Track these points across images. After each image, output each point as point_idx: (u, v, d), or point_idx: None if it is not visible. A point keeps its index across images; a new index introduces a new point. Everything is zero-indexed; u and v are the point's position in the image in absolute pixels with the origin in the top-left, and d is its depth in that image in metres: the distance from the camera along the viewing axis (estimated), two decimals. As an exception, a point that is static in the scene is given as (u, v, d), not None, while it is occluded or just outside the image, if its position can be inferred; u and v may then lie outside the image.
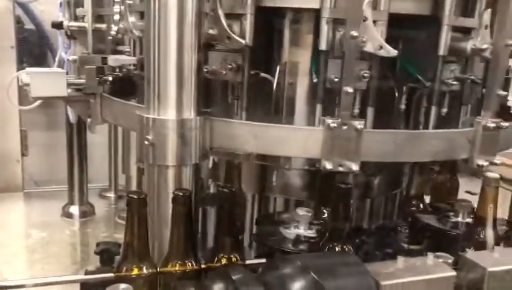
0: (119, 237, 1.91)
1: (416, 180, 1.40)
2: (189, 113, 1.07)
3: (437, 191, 1.48)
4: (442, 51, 1.15)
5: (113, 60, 1.37)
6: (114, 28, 1.43)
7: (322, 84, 1.16)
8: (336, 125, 1.08)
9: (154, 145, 1.06)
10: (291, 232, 1.21)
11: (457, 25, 1.16)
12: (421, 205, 1.40)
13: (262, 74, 1.25)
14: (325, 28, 1.11)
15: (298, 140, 1.11)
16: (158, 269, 1.03)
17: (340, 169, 1.10)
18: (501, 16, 1.13)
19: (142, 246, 1.01)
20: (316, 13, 1.14)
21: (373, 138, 1.11)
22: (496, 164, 1.19)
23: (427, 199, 1.49)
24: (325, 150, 1.09)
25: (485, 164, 1.16)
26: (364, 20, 1.04)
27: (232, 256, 1.06)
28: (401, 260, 1.01)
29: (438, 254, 1.10)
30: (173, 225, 1.04)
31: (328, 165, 1.10)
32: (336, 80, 1.12)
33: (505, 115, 1.34)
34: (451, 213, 1.34)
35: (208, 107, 1.20)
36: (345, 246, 1.08)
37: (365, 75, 1.13)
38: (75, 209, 2.07)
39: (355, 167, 1.10)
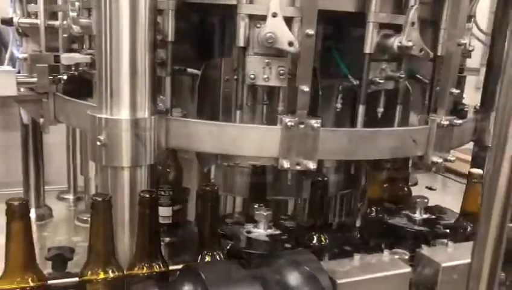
0: (78, 240, 1.87)
1: (373, 179, 1.41)
2: (144, 113, 1.05)
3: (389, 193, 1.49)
4: (368, 49, 1.13)
5: (65, 58, 1.32)
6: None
7: (241, 81, 1.12)
8: (293, 124, 1.07)
9: (106, 146, 1.03)
10: (254, 232, 1.20)
11: (384, 22, 1.13)
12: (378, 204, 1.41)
13: (190, 70, 1.24)
14: (241, 24, 1.08)
15: (256, 139, 1.10)
16: (125, 272, 1.01)
17: (298, 168, 1.10)
18: (452, 15, 1.15)
19: (108, 249, 0.99)
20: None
21: (330, 136, 1.11)
22: (450, 161, 1.21)
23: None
24: (283, 148, 1.09)
25: (440, 160, 1.19)
26: (274, 16, 1.03)
27: (153, 264, 1.03)
28: (357, 258, 1.02)
29: (394, 250, 1.12)
30: (139, 227, 1.02)
31: (286, 164, 1.09)
32: (252, 76, 1.10)
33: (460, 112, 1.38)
34: (408, 210, 1.35)
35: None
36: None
37: (401, 76, 1.16)
38: (31, 213, 2.00)
39: (312, 165, 1.10)
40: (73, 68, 1.50)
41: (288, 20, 1.05)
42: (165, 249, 1.24)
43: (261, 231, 1.18)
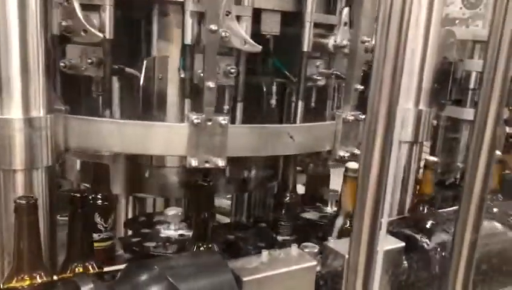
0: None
1: (289, 173, 1.43)
2: (38, 111, 0.98)
3: (310, 183, 1.52)
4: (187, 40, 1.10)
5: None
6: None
7: (189, 79, 1.12)
8: (200, 121, 1.05)
9: (-4, 148, 0.95)
10: (163, 233, 1.17)
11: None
12: (294, 198, 1.43)
13: (128, 69, 1.18)
14: (189, 22, 1.07)
15: (162, 137, 1.07)
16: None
17: (207, 165, 1.09)
18: (356, 14, 1.18)
19: (33, 254, 0.93)
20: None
21: (238, 133, 1.10)
22: (357, 155, 1.24)
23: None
24: (190, 146, 1.07)
25: (347, 155, 1.22)
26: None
27: (87, 264, 0.99)
28: (265, 254, 1.02)
29: (305, 244, 1.13)
30: (70, 229, 1.00)
31: (194, 162, 1.07)
32: (63, 64, 1.09)
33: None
34: (322, 204, 1.39)
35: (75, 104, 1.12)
36: (210, 245, 1.07)
37: (232, 71, 1.12)
38: None
39: (221, 163, 1.09)
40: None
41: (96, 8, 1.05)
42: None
43: (169, 233, 1.16)
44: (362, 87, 1.21)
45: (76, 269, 0.98)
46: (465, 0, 1.88)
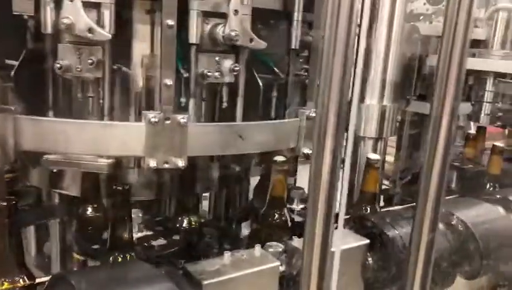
0: None
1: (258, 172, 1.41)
2: (-16, 112, 0.93)
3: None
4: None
5: None
6: None
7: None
8: (157, 120, 1.02)
9: None
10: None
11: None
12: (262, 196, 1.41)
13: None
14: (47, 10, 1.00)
15: (118, 137, 1.03)
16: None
17: (166, 166, 1.05)
18: (317, 9, 1.17)
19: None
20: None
21: (198, 132, 1.07)
22: (321, 152, 1.23)
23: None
24: (148, 146, 1.03)
25: (310, 152, 1.20)
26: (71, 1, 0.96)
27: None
28: (227, 255, 0.99)
29: (269, 243, 1.11)
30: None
31: (152, 163, 1.04)
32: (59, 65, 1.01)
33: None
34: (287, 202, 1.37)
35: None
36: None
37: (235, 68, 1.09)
38: None
39: (181, 163, 1.05)
40: None
41: (97, 6, 0.99)
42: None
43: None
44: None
45: (4, 284, 0.94)
46: (429, -5, 1.90)
